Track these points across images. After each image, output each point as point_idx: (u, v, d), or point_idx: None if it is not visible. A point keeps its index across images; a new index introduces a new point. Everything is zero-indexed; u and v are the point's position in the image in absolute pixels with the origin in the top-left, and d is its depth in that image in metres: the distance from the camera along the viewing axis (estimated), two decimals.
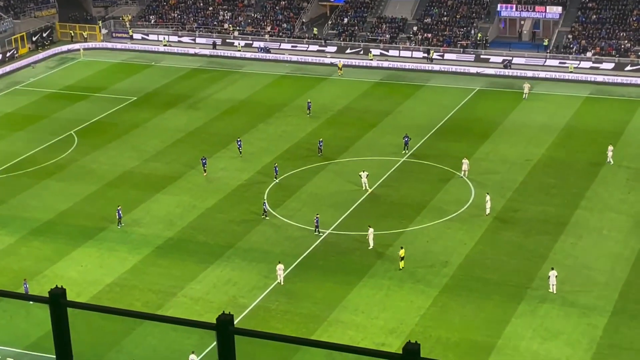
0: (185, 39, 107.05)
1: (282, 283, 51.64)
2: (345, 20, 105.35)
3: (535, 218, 58.64)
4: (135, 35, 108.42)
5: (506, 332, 46.42)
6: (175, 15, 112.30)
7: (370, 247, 55.11)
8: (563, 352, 44.63)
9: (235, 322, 7.89)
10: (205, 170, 67.15)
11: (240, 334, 7.90)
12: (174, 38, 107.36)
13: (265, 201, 61.55)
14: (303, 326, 47.73)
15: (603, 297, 48.99)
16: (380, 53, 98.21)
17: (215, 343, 7.91)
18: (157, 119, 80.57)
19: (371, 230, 55.44)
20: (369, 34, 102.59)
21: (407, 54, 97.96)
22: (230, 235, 57.79)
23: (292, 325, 47.80)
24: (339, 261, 54.27)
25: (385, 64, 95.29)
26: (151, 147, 73.42)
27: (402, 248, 53.36)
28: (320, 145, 70.89)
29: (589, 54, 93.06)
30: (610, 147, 67.46)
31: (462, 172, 65.39)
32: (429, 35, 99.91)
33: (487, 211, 59.04)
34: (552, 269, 49.59)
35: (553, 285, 48.81)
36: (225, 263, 54.46)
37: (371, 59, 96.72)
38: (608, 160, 66.67)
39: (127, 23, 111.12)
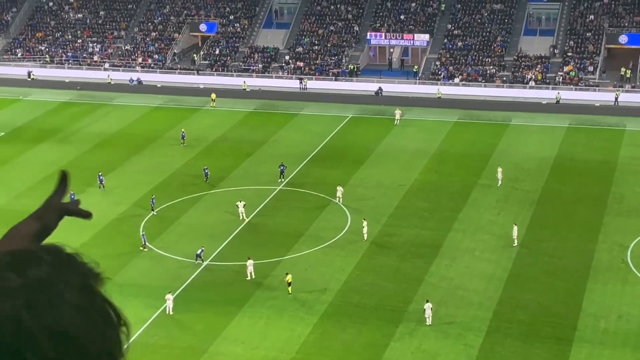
0: (54, 72, 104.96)
1: (171, 313, 51.02)
2: (217, 50, 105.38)
3: (411, 242, 59.68)
4: (2, 69, 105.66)
5: (385, 355, 46.92)
6: (43, 48, 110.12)
7: (248, 278, 54.97)
8: None
9: None
10: None
11: None
12: (42, 71, 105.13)
13: (144, 233, 60.70)
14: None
15: (478, 317, 50.12)
16: (254, 82, 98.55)
17: None
18: (26, 154, 78.59)
19: (250, 261, 55.33)
20: (241, 63, 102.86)
21: (280, 83, 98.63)
22: (106, 270, 56.22)
23: (172, 359, 47.16)
24: (219, 292, 53.93)
25: (259, 93, 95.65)
26: (21, 183, 71.49)
27: (287, 274, 53.49)
28: (206, 173, 70.65)
29: (456, 80, 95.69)
30: (500, 169, 69.22)
31: (337, 199, 66.08)
32: (301, 64, 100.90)
33: (365, 237, 59.75)
34: (427, 301, 49.89)
35: (429, 317, 49.19)
36: None
37: (245, 89, 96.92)
38: (498, 183, 68.36)
39: None
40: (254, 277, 54.96)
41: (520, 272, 55.05)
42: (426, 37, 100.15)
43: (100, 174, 70.79)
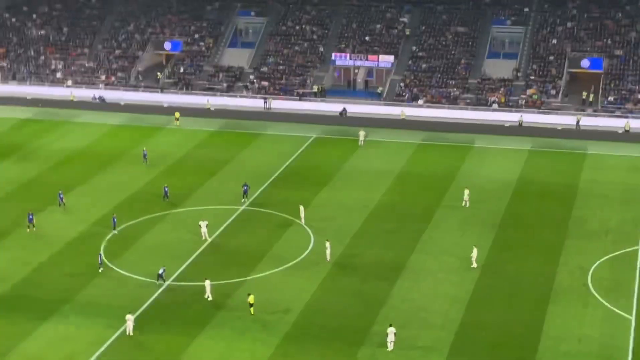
0: (15, 89, 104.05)
1: (131, 333, 50.43)
2: (182, 69, 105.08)
3: (374, 263, 59.60)
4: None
5: None
6: (5, 64, 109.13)
7: (207, 297, 54.53)
8: None
9: None
10: (32, 226, 64.75)
11: None
12: (3, 87, 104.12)
13: (102, 253, 60.08)
14: None
15: (440, 338, 50.06)
16: (218, 101, 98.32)
17: None
18: None
19: (208, 281, 54.91)
20: (206, 82, 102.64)
21: (245, 102, 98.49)
22: (66, 289, 55.97)
23: None
24: (179, 312, 53.41)
25: (223, 112, 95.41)
26: None
27: (250, 294, 53.12)
28: (166, 191, 70.20)
29: (420, 102, 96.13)
30: (467, 191, 69.46)
31: (300, 219, 65.88)
32: (266, 83, 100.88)
33: (328, 258, 59.58)
34: (390, 325, 49.52)
35: (391, 342, 48.81)
36: (61, 319, 52.63)
37: (208, 108, 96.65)
38: (464, 204, 68.59)
39: None
40: (211, 298, 54.52)
41: (482, 294, 55.15)
42: (391, 58, 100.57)
43: (60, 191, 70.08)
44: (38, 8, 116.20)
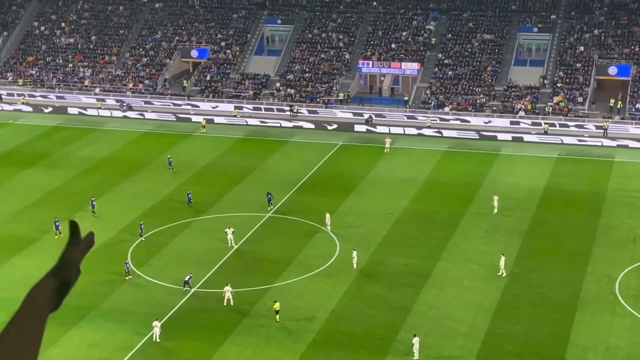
0: (44, 97, 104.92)
1: (158, 340, 50.69)
2: (208, 76, 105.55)
3: (399, 271, 59.54)
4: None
5: None
6: (34, 72, 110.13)
7: (225, 304, 54.53)
8: None
9: None
10: (59, 232, 65.30)
11: None
12: (33, 95, 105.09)
13: (129, 260, 60.44)
14: None
15: (466, 347, 49.94)
16: (244, 109, 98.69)
17: None
18: (15, 178, 78.37)
19: (228, 287, 54.95)
20: (232, 90, 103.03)
21: (271, 109, 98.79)
22: (93, 296, 56.36)
23: None
24: (206, 319, 53.64)
25: (249, 120, 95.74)
26: (9, 207, 71.23)
27: (275, 302, 53.24)
28: (189, 198, 70.56)
29: (446, 109, 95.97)
30: (496, 197, 69.26)
31: (326, 227, 65.95)
32: (292, 91, 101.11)
33: (354, 266, 59.54)
34: (415, 335, 49.43)
35: (416, 351, 48.75)
36: (89, 325, 53.01)
37: (235, 115, 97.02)
38: (494, 210, 68.39)
39: None
40: (232, 303, 54.63)
41: (508, 302, 54.96)
42: (417, 65, 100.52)
43: (92, 199, 70.48)
44: (67, 17, 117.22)
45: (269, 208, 70.20)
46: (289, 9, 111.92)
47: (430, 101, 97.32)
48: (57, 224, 65.68)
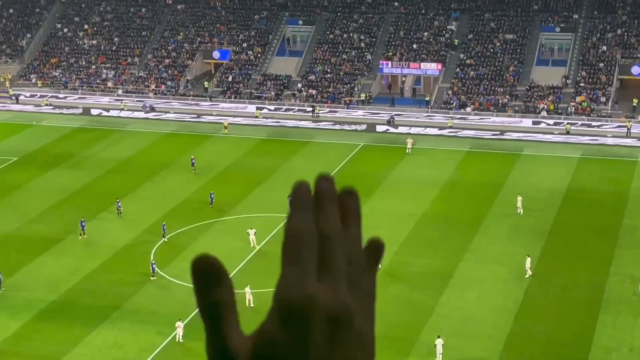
0: (67, 98, 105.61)
1: (181, 340, 50.96)
2: (230, 77, 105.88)
3: (421, 272, 59.52)
4: (16, 95, 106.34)
5: None
6: (57, 74, 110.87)
7: (247, 305, 54.60)
8: None
9: None
10: (84, 233, 65.70)
11: None
12: (56, 97, 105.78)
13: (154, 262, 60.72)
14: None
15: (489, 348, 49.89)
16: (266, 110, 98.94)
17: None
18: (39, 179, 78.91)
19: (248, 289, 54.94)
20: (254, 91, 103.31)
21: (293, 110, 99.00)
22: (116, 296, 56.73)
23: None
24: None
25: (271, 121, 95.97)
26: (33, 208, 71.74)
27: None
28: (212, 198, 70.84)
29: (468, 109, 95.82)
30: (520, 198, 69.08)
31: None
32: (314, 92, 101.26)
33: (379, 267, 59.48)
34: (439, 337, 49.29)
35: (440, 354, 48.75)
36: (112, 326, 53.35)
37: (257, 116, 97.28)
38: (518, 211, 68.25)
39: (7, 82, 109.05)
40: (252, 305, 54.63)
41: (531, 303, 54.83)
42: (438, 66, 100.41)
43: (118, 200, 70.84)
44: (89, 18, 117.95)
45: None
46: (310, 10, 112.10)
47: (452, 101, 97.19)
48: (83, 224, 66.14)
